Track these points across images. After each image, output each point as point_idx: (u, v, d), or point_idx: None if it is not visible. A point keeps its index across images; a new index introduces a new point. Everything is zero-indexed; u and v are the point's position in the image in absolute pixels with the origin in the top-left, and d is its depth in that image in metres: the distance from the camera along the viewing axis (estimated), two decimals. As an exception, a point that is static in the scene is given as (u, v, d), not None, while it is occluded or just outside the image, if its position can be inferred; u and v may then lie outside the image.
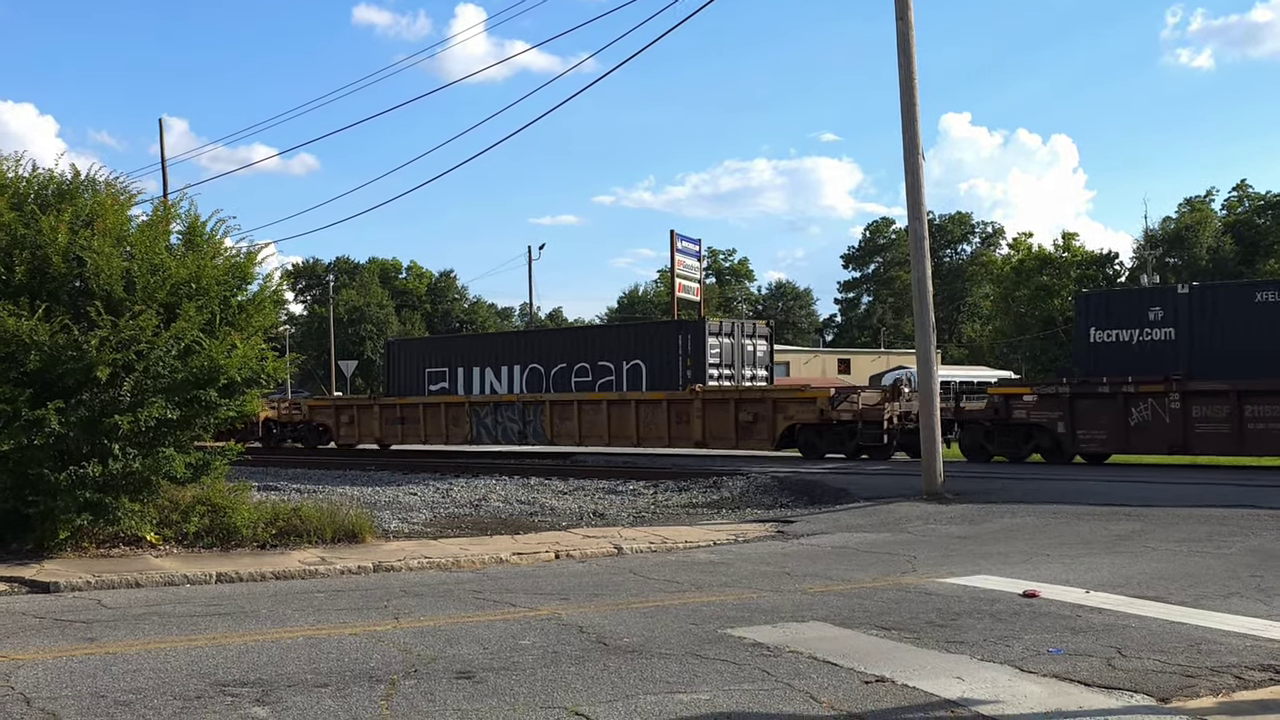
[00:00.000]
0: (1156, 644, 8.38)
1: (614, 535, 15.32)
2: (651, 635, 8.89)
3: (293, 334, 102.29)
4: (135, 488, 13.43)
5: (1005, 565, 12.30)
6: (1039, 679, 7.42)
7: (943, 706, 6.79)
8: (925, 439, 19.67)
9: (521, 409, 34.28)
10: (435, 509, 20.66)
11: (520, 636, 8.89)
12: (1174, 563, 12.28)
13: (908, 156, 19.94)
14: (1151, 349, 24.75)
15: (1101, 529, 15.05)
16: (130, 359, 12.93)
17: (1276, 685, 7.36)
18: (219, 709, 6.81)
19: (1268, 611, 9.54)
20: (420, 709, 6.78)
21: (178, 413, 13.34)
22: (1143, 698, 6.99)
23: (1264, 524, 14.89)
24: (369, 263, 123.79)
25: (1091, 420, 25.09)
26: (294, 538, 14.13)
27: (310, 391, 71.51)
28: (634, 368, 33.33)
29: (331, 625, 9.47)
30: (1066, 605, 9.95)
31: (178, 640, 8.89)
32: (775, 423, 29.14)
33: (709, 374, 31.77)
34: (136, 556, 13.09)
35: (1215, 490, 18.81)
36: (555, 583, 11.73)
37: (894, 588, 11.07)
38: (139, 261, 13.43)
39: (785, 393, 30.81)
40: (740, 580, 11.70)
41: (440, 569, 12.76)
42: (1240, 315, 24.00)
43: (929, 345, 19.73)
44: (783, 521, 16.91)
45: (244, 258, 14.85)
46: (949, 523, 16.28)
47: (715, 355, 32.14)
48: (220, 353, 13.40)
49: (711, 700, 6.94)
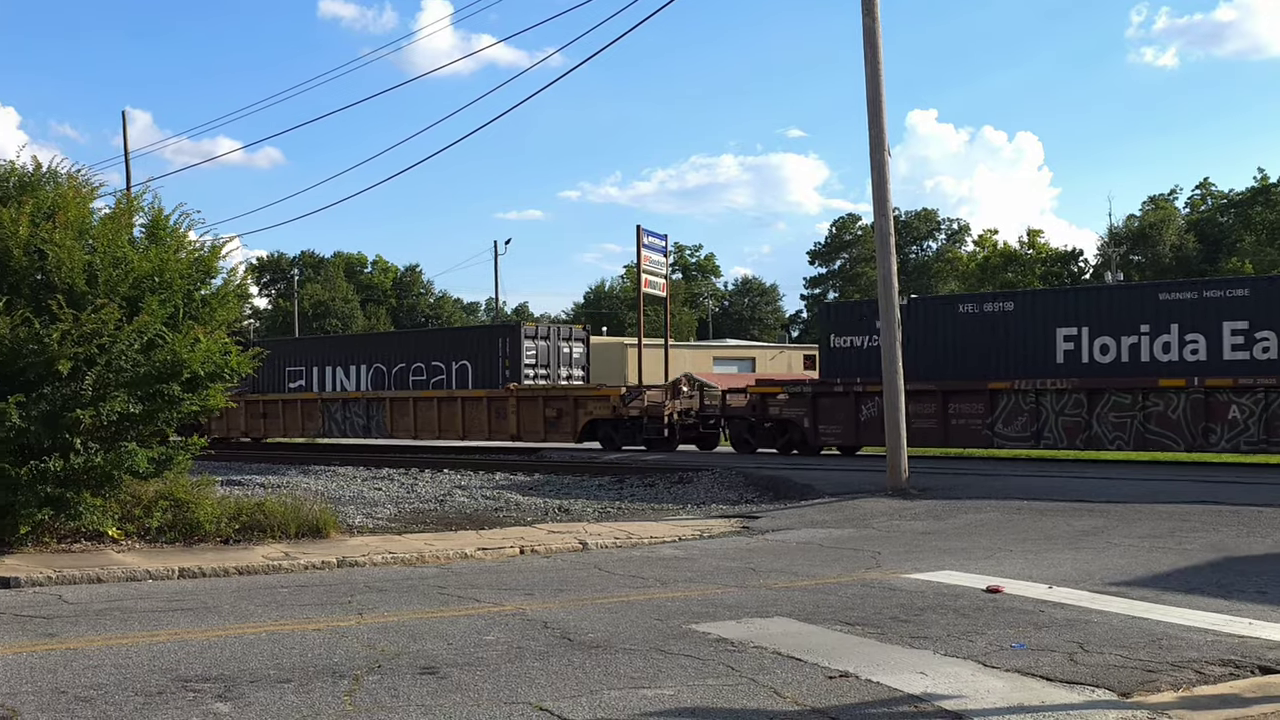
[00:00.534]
0: (1118, 639, 8.45)
1: (579, 531, 15.31)
2: (616, 630, 8.89)
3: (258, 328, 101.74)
4: (97, 482, 13.32)
5: (969, 561, 12.37)
6: (1002, 674, 7.46)
7: (906, 701, 6.82)
8: (890, 434, 19.74)
9: (366, 405, 37.58)
10: (400, 504, 20.61)
11: (485, 632, 8.88)
12: (1136, 558, 12.38)
13: (874, 153, 19.99)
14: (877, 354, 25.05)
15: (1065, 525, 15.15)
16: (92, 353, 12.83)
17: (1236, 680, 7.43)
18: (181, 705, 6.77)
19: (1228, 607, 9.63)
20: (384, 705, 6.76)
21: (140, 407, 13.25)
22: (1104, 692, 7.05)
23: (1224, 520, 15.02)
24: (334, 257, 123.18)
25: (830, 416, 28.32)
26: (258, 533, 14.07)
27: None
28: (461, 368, 36.23)
29: (295, 621, 9.42)
30: (1029, 601, 10.01)
31: (140, 636, 8.83)
32: (577, 418, 32.55)
33: (525, 374, 34.93)
34: (98, 552, 12.99)
35: (1177, 486, 18.98)
36: (520, 578, 11.71)
37: (858, 583, 11.11)
38: (101, 255, 13.33)
39: (585, 391, 33.91)
40: (705, 576, 11.71)
41: (404, 564, 12.73)
42: (946, 325, 27.46)
43: (894, 341, 19.80)
44: (748, 517, 16.94)
45: (208, 251, 14.77)
46: (913, 518, 16.35)
47: (531, 357, 35.35)
48: (183, 347, 13.32)
49: (676, 695, 6.95)
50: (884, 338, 20.06)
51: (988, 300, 28.09)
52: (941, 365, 26.93)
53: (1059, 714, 6.58)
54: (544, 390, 33.85)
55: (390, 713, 6.60)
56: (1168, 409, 24.07)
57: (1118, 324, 25.00)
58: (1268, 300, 23.73)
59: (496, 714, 6.57)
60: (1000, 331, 26.50)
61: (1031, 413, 25.61)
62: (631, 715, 6.54)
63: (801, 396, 28.80)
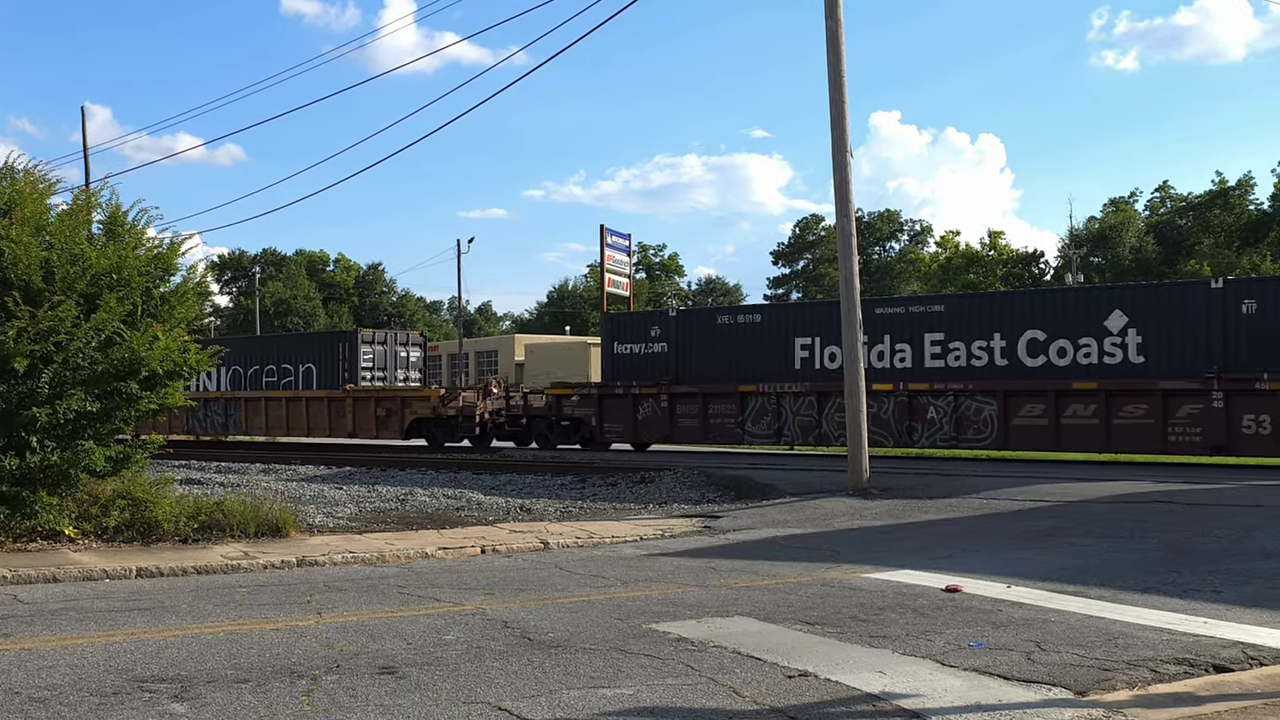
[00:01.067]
0: (1075, 638, 8.51)
1: (541, 530, 15.30)
2: (576, 630, 8.89)
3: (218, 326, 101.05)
4: (54, 481, 13.22)
5: (929, 560, 12.43)
6: (960, 673, 7.51)
7: (864, 700, 6.85)
8: (851, 435, 19.82)
9: (224, 405, 39.97)
10: (361, 504, 20.51)
11: (444, 631, 8.86)
12: (1094, 558, 12.48)
13: (836, 154, 20.07)
14: (652, 360, 31.50)
15: (1024, 524, 15.26)
16: (49, 350, 12.73)
17: (1191, 678, 7.50)
18: (136, 705, 6.72)
19: (1184, 606, 9.72)
20: (342, 704, 6.73)
21: (98, 405, 13.15)
22: (1061, 691, 7.10)
23: (1180, 519, 15.16)
24: (296, 255, 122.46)
25: (614, 415, 31.73)
26: (217, 532, 13.98)
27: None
28: (307, 370, 38.99)
29: (253, 620, 9.37)
30: (988, 600, 10.07)
31: (96, 636, 8.75)
32: (404, 416, 34.87)
33: (362, 376, 37.72)
34: (54, 551, 12.87)
35: (1135, 487, 19.13)
36: (481, 578, 11.69)
37: (818, 582, 11.15)
38: (58, 251, 13.22)
39: (410, 392, 36.47)
40: (666, 575, 11.72)
41: (365, 564, 12.68)
42: (708, 334, 30.77)
43: (856, 342, 19.88)
44: (710, 517, 16.97)
45: (167, 248, 14.68)
46: (874, 518, 16.42)
47: (369, 360, 38.31)
48: (142, 344, 13.22)
49: (635, 695, 6.95)
50: (845, 340, 20.11)
51: (741, 312, 31.90)
52: (703, 371, 30.34)
53: (1016, 713, 6.63)
54: (376, 391, 36.52)
55: (348, 713, 6.57)
56: (880, 410, 26.88)
57: (833, 333, 26.37)
58: (959, 316, 27.14)
59: (455, 714, 6.55)
60: (751, 341, 29.78)
61: (774, 413, 28.81)
62: (591, 715, 6.54)
63: (590, 398, 32.30)
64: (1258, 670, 7.71)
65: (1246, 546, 12.96)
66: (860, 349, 20.03)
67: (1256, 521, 14.77)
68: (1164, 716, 6.60)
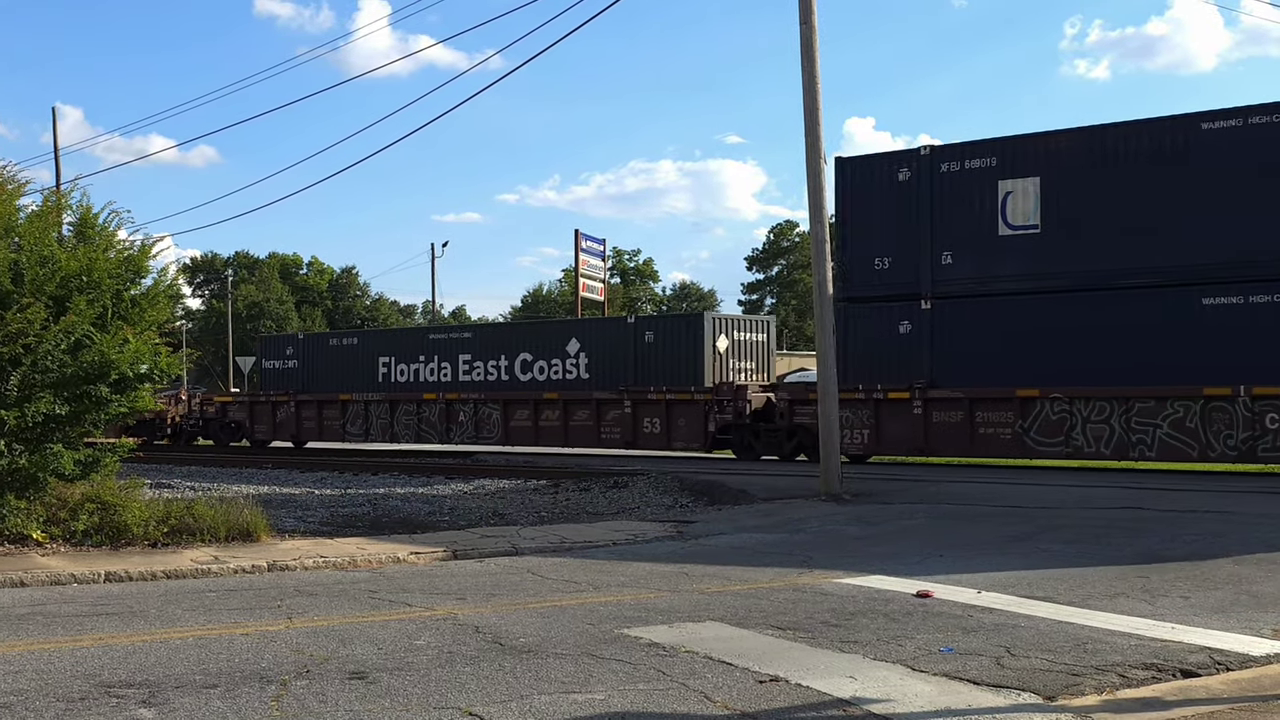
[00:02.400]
0: (1044, 643, 8.55)
1: (513, 535, 15.27)
2: (548, 635, 8.88)
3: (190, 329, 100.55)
4: (21, 485, 13.12)
5: (900, 565, 12.46)
6: (930, 678, 7.53)
7: (835, 705, 6.87)
8: (824, 441, 19.87)
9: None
10: (333, 508, 20.42)
11: (415, 636, 8.83)
12: (1064, 564, 12.53)
13: (810, 160, 20.12)
14: (290, 373, 37.73)
15: (995, 530, 15.31)
16: (17, 353, 12.65)
17: (1158, 683, 7.54)
18: (104, 711, 6.68)
19: (1152, 611, 9.77)
20: (311, 710, 6.71)
21: (67, 408, 13.07)
22: (1030, 696, 7.13)
23: (1149, 526, 15.24)
24: (269, 258, 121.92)
25: (261, 419, 38.23)
26: (187, 536, 13.89)
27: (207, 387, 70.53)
28: None
29: (223, 625, 9.33)
30: (958, 605, 10.11)
31: (62, 641, 8.70)
32: None
33: None
34: (22, 555, 12.77)
35: (1105, 493, 19.21)
36: (452, 582, 11.66)
37: (790, 588, 11.17)
38: (27, 253, 13.15)
39: None
40: (638, 580, 11.72)
41: (336, 568, 12.63)
42: (324, 354, 37.68)
43: (829, 346, 19.94)
44: (682, 522, 16.97)
45: (138, 251, 14.61)
46: (846, 523, 16.46)
47: None
48: (112, 347, 13.15)
49: (606, 700, 6.95)
50: (819, 344, 20.17)
51: (345, 336, 40.25)
52: (320, 383, 36.62)
53: (985, 717, 6.66)
54: None
55: (318, 718, 6.55)
56: (432, 414, 34.25)
57: (409, 354, 35.24)
58: (481, 341, 34.29)
59: (426, 719, 6.54)
60: (352, 359, 36.33)
61: (363, 416, 35.60)
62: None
63: (244, 404, 39.17)
64: (1224, 675, 7.77)
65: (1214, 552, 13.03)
66: (832, 355, 20.06)
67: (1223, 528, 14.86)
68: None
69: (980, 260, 24.66)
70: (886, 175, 25.96)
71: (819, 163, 20.05)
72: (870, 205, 26.08)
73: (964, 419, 24.69)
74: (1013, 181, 24.28)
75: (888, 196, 25.78)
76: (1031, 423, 23.96)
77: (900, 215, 25.55)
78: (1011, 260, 24.29)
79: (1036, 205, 24.02)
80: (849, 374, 24.59)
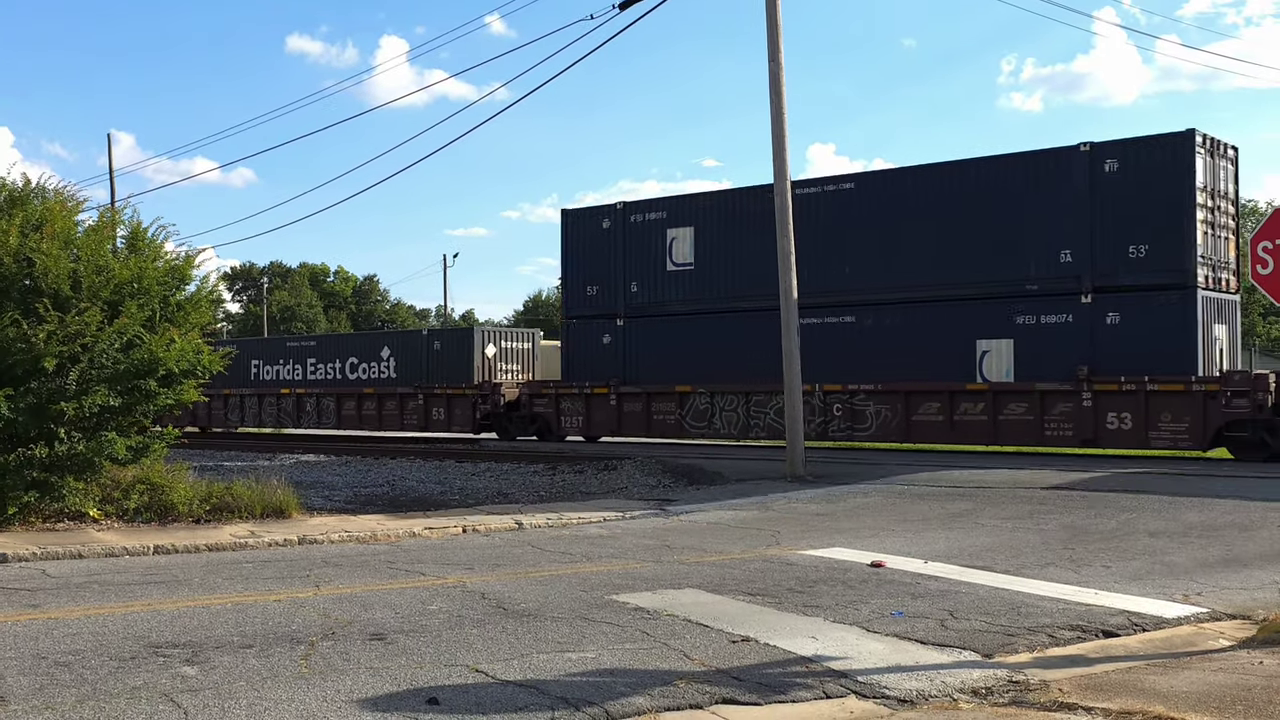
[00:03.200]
0: (983, 607, 8.56)
1: (516, 512, 15.24)
2: (546, 601, 8.86)
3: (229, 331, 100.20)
4: (79, 468, 13.06)
5: (857, 539, 12.47)
6: (882, 638, 7.54)
7: (799, 662, 6.87)
8: (789, 428, 19.86)
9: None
10: (356, 489, 20.38)
11: (428, 602, 8.81)
12: (1000, 537, 12.55)
13: (777, 181, 20.12)
14: None
15: (939, 507, 15.33)
16: (76, 351, 12.60)
17: (1083, 643, 7.58)
18: (151, 669, 6.65)
19: (1078, 579, 9.79)
20: (336, 667, 6.68)
21: (119, 400, 13.02)
22: (970, 654, 7.15)
23: (1076, 504, 15.27)
24: (300, 267, 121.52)
25: None
26: (227, 513, 13.84)
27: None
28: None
29: (258, 592, 9.29)
30: (908, 574, 10.11)
31: (115, 606, 8.66)
32: None
33: None
34: (80, 530, 12.72)
35: (1038, 474, 19.25)
36: (462, 554, 11.64)
37: (760, 559, 11.16)
38: (85, 263, 13.09)
39: None
40: (626, 552, 11.71)
41: (358, 541, 12.59)
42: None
43: (794, 348, 19.93)
44: (665, 500, 16.96)
45: (183, 260, 14.54)
46: (809, 502, 16.46)
47: None
48: (159, 347, 13.11)
49: (597, 658, 6.94)
50: (785, 345, 20.14)
51: (224, 344, 37.58)
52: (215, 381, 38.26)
53: (931, 673, 6.66)
54: None
55: (341, 674, 6.52)
56: (288, 405, 37.78)
57: (272, 358, 38.90)
58: (323, 348, 38.33)
59: (437, 675, 6.52)
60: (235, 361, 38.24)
61: (239, 408, 39.13)
62: (557, 675, 6.53)
63: None
64: (1140, 635, 7.80)
65: (1133, 527, 13.07)
66: (796, 356, 20.06)
67: (1137, 503, 14.90)
68: (1059, 675, 6.65)
69: (655, 289, 29.29)
70: (595, 223, 30.57)
71: (785, 184, 20.06)
72: (584, 245, 30.74)
73: (643, 408, 28.89)
74: (677, 229, 28.90)
75: (596, 239, 30.33)
76: (687, 411, 28.17)
77: (604, 254, 30.11)
78: (676, 289, 28.95)
79: (692, 248, 28.58)
80: (572, 373, 30.74)
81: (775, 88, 19.90)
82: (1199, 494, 15.76)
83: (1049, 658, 7.15)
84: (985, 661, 6.98)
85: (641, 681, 6.42)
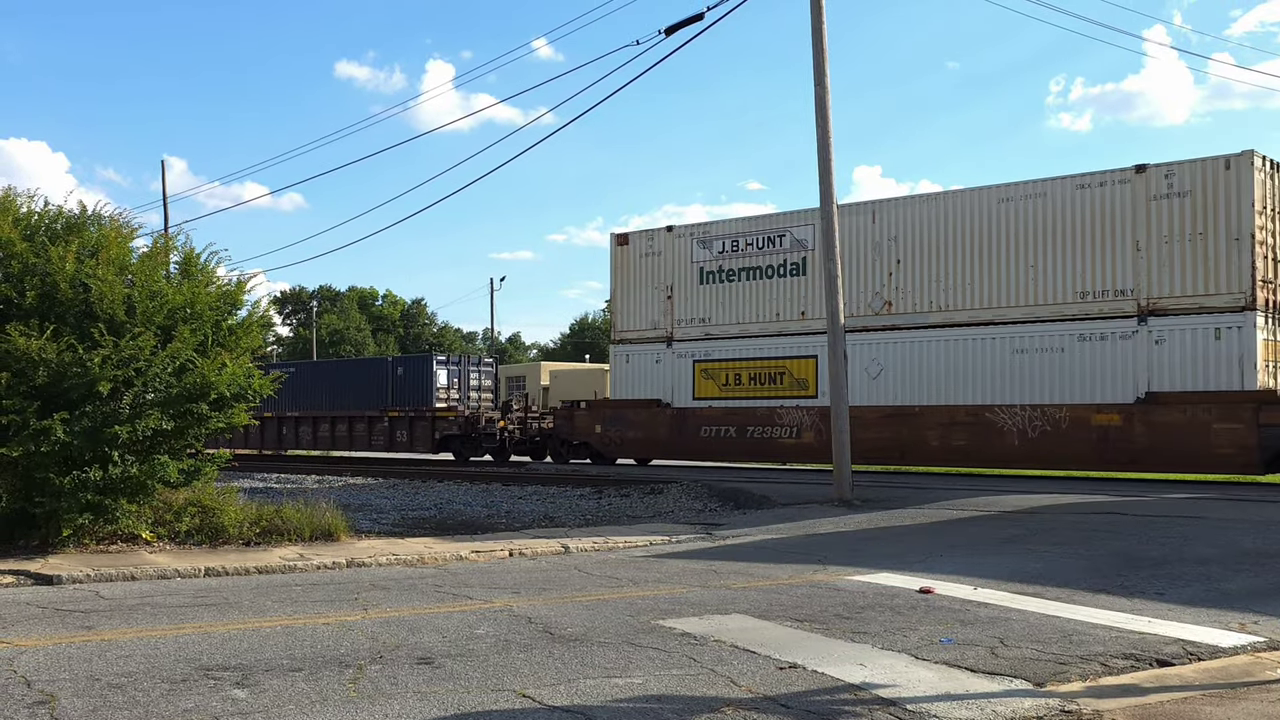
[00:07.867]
0: (1034, 635, 8.46)
1: (562, 536, 15.24)
2: (593, 625, 8.85)
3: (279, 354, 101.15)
4: (132, 491, 13.21)
5: (904, 564, 12.36)
6: (931, 665, 7.46)
7: (847, 690, 6.81)
8: (837, 451, 19.76)
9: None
10: (404, 512, 20.49)
11: (476, 626, 8.83)
12: (1050, 562, 12.40)
13: (824, 204, 20.09)
14: None
15: (989, 532, 15.17)
16: (130, 375, 12.76)
17: (1137, 671, 7.45)
18: (202, 691, 6.70)
19: (1130, 606, 9.65)
20: (384, 691, 6.71)
21: (172, 424, 13.17)
22: (1021, 682, 7.05)
23: (1127, 529, 15.06)
24: (349, 291, 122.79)
25: None
26: (276, 536, 13.96)
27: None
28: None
29: (307, 615, 9.35)
30: (957, 600, 10.01)
31: (167, 629, 8.74)
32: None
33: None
34: (133, 552, 12.87)
35: (1090, 500, 19.03)
36: (508, 578, 11.65)
37: (807, 584, 11.09)
38: (139, 288, 13.27)
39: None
40: (672, 577, 11.68)
41: (406, 565, 12.65)
42: None
43: (841, 370, 19.85)
44: (711, 524, 16.90)
45: (234, 286, 14.69)
46: (856, 526, 16.35)
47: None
48: (211, 371, 13.25)
49: (644, 684, 6.92)
50: (831, 368, 20.08)
51: None
52: None
53: (981, 702, 6.58)
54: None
55: (389, 699, 6.55)
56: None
57: None
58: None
59: (484, 700, 6.53)
60: None
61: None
62: (604, 701, 6.51)
63: None
64: (1196, 664, 7.66)
65: (1185, 553, 12.86)
66: (845, 380, 19.98)
67: (1194, 531, 14.67)
68: (1113, 705, 6.55)
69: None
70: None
71: (831, 207, 20.02)
72: None
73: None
74: None
75: None
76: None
77: None
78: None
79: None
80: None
81: (821, 112, 19.88)
82: (1254, 520, 15.50)
83: (1102, 687, 7.04)
84: (1037, 690, 6.88)
85: (689, 708, 6.39)
